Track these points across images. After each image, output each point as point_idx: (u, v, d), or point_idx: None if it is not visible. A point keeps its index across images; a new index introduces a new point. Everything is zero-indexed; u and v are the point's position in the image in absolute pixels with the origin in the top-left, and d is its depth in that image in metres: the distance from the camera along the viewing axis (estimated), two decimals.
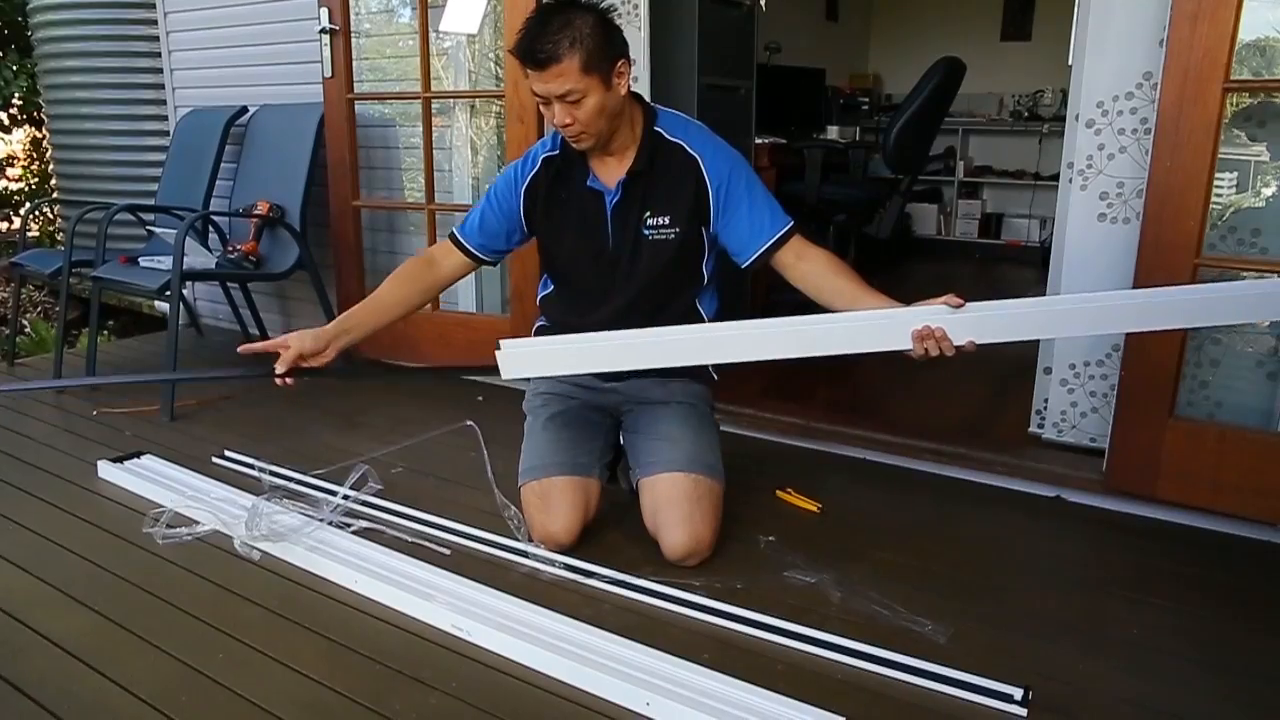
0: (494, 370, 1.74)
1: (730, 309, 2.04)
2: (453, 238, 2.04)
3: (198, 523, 2.01)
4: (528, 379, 2.14)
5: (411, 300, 2.04)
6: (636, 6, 2.70)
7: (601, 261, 1.93)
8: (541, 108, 1.81)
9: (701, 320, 2.01)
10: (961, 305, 1.59)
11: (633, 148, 1.89)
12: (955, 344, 1.58)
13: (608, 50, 1.75)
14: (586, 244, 1.94)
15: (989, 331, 1.59)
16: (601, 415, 2.04)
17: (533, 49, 1.71)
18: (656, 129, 1.89)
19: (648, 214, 1.89)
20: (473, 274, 3.20)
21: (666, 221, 1.89)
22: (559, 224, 1.96)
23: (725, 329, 1.73)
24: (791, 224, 1.87)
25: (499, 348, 1.77)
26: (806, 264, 1.86)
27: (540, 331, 2.12)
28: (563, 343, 1.84)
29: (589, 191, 1.91)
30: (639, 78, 2.72)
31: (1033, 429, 2.42)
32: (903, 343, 1.61)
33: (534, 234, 2.03)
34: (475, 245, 2.03)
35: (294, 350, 1.77)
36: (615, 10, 1.84)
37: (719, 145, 1.91)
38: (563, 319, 2.04)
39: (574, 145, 1.85)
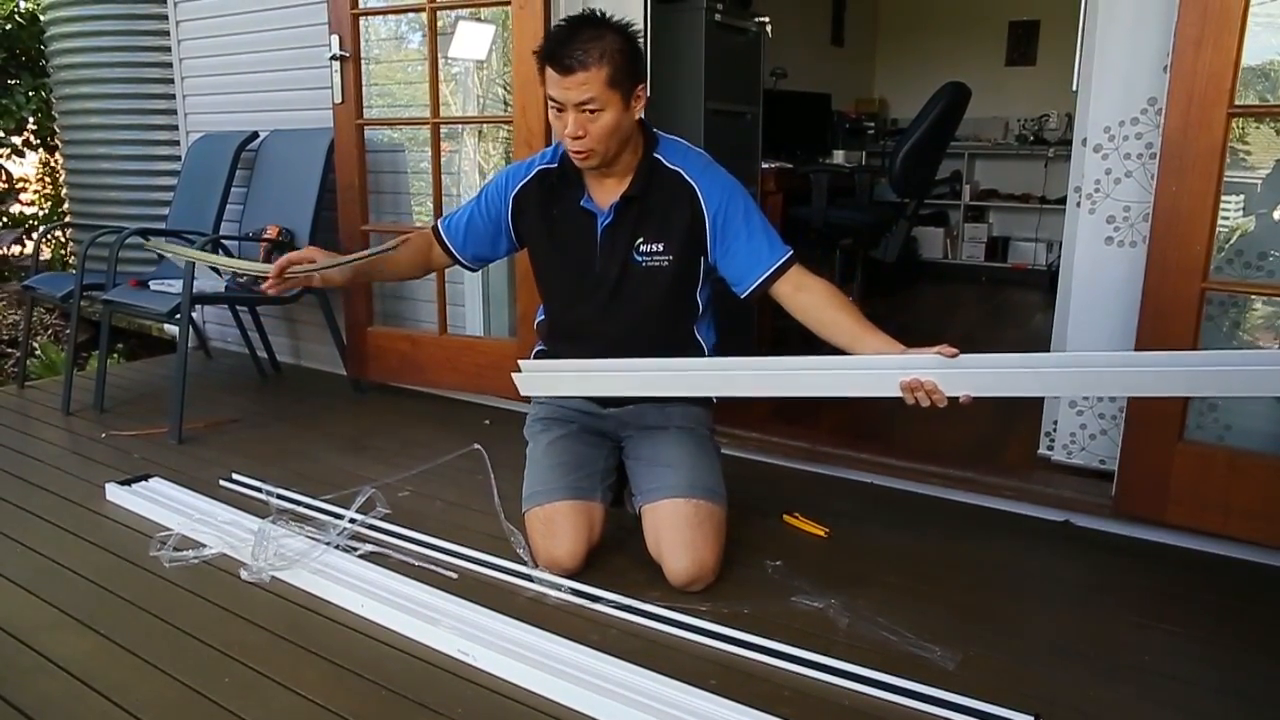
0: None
1: (736, 337, 2.04)
2: (435, 230, 2.05)
3: (205, 545, 2.01)
4: (531, 403, 2.14)
5: (403, 268, 2.11)
6: (637, 32, 2.72)
7: (586, 284, 1.93)
8: (552, 116, 1.80)
9: (701, 350, 2.01)
10: (954, 356, 1.56)
11: (631, 172, 1.89)
12: (949, 395, 1.56)
13: (632, 71, 1.78)
14: (573, 264, 1.94)
15: (980, 387, 1.55)
16: (601, 439, 2.03)
17: (562, 52, 1.72)
18: (655, 155, 1.89)
19: (640, 240, 1.89)
20: (480, 299, 3.26)
21: (660, 249, 1.89)
22: (548, 240, 1.97)
23: (724, 366, 1.72)
24: (790, 254, 1.86)
25: (519, 369, 1.84)
26: (806, 295, 1.84)
27: (539, 355, 2.12)
28: (578, 367, 1.86)
29: (582, 211, 1.92)
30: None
31: (1042, 451, 2.41)
32: (891, 391, 1.59)
33: (524, 245, 2.04)
34: (457, 247, 2.05)
35: (307, 252, 1.89)
36: (640, 35, 1.85)
37: (717, 173, 1.91)
38: (557, 347, 2.05)
39: (577, 161, 1.83)
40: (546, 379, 1.90)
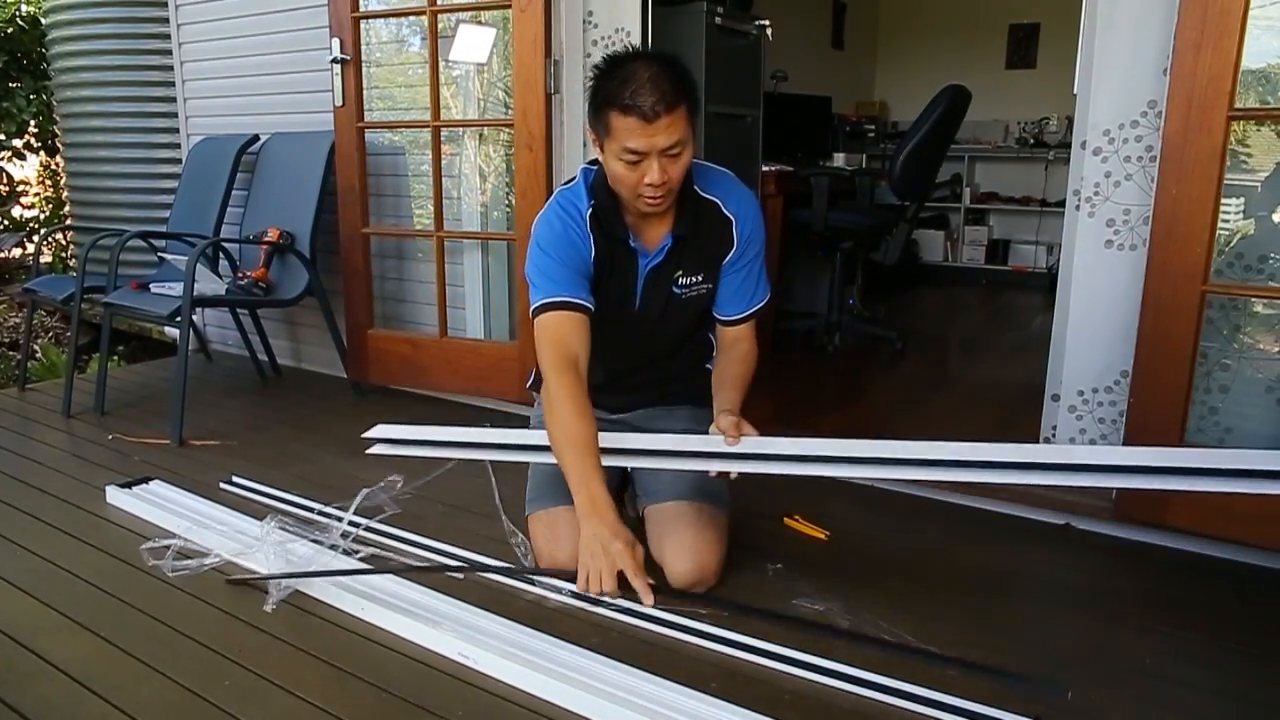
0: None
1: None
2: (564, 305, 1.72)
3: (208, 553, 2.01)
4: (534, 406, 2.14)
5: (593, 419, 1.70)
6: (629, 34, 2.72)
7: (623, 321, 1.88)
8: (623, 170, 1.64)
9: (711, 352, 2.02)
10: (735, 440, 1.72)
11: (673, 207, 1.80)
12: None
13: (698, 96, 1.66)
14: (612, 302, 1.85)
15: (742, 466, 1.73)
16: None
17: (640, 100, 1.56)
18: (694, 187, 1.81)
19: (679, 273, 1.84)
20: (480, 302, 3.26)
21: (700, 279, 1.85)
22: (599, 283, 1.85)
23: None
24: (765, 301, 1.91)
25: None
26: (732, 346, 1.90)
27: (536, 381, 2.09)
28: (435, 434, 2.07)
29: (628, 251, 1.82)
30: None
31: None
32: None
33: None
34: (587, 300, 1.76)
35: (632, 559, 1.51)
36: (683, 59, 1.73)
37: (750, 205, 1.86)
38: None
39: (649, 207, 1.69)
40: (399, 444, 2.10)
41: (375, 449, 2.09)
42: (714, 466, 1.74)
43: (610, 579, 1.48)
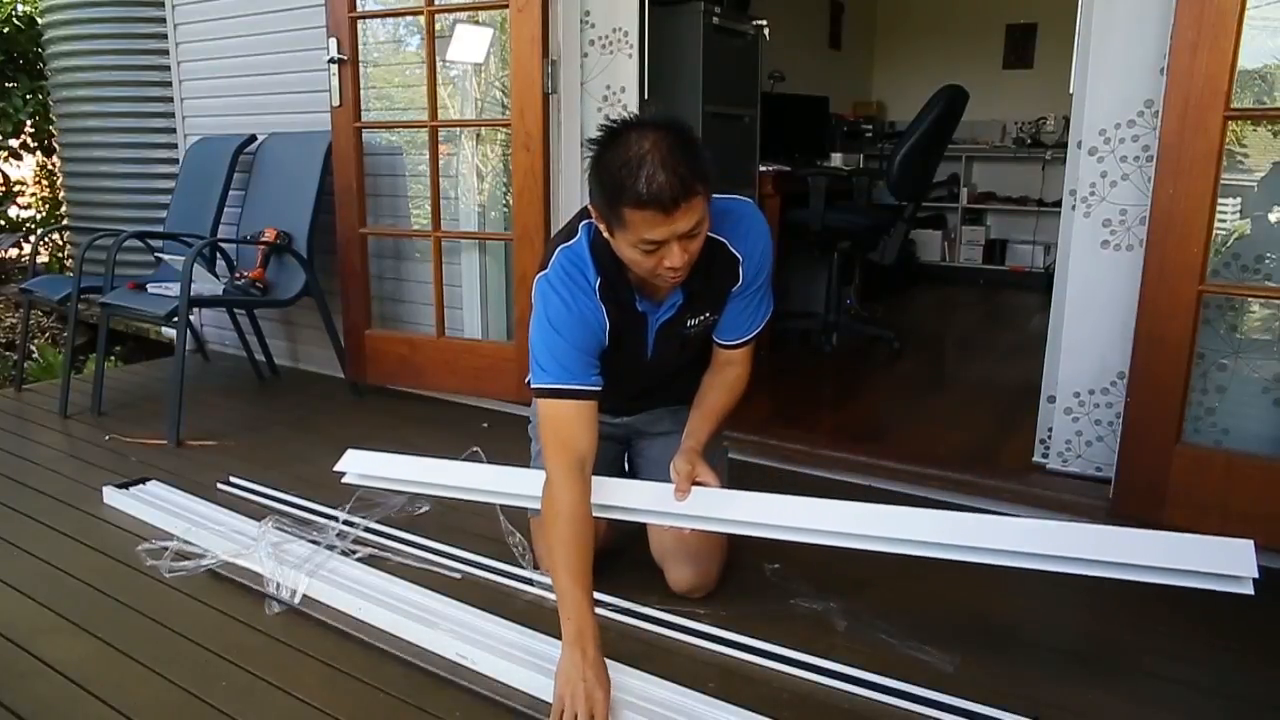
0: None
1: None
2: (575, 394, 1.64)
3: (205, 554, 2.00)
4: (532, 405, 2.13)
5: (592, 539, 1.63)
6: (627, 34, 2.73)
7: (635, 369, 1.84)
8: (640, 256, 1.52)
9: None
10: (683, 496, 1.70)
11: None
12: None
13: (711, 169, 1.52)
14: (624, 357, 1.79)
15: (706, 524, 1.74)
16: (609, 444, 2.02)
17: (658, 192, 1.43)
18: None
19: (688, 316, 1.78)
20: (478, 301, 3.26)
21: (707, 315, 1.80)
22: (608, 347, 1.77)
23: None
24: (765, 321, 1.84)
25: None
26: (723, 369, 1.86)
27: None
28: (407, 463, 2.10)
29: (636, 314, 1.73)
30: (628, 106, 2.75)
31: (1037, 458, 2.40)
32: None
33: None
34: (597, 384, 1.68)
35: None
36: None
37: (758, 239, 1.75)
38: None
39: (670, 284, 1.62)
40: (372, 468, 2.10)
41: (348, 479, 2.08)
42: (679, 525, 1.74)
43: None
